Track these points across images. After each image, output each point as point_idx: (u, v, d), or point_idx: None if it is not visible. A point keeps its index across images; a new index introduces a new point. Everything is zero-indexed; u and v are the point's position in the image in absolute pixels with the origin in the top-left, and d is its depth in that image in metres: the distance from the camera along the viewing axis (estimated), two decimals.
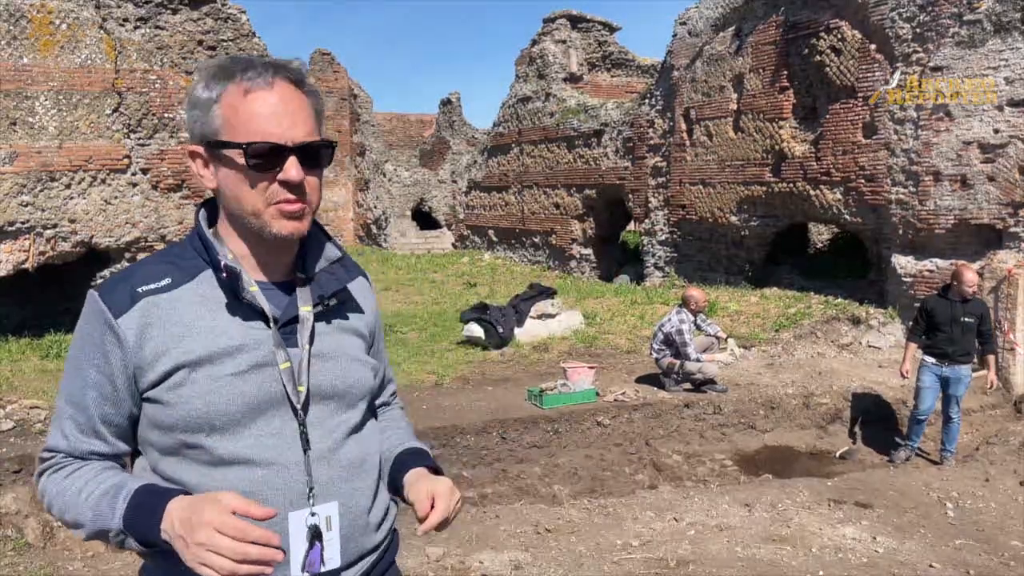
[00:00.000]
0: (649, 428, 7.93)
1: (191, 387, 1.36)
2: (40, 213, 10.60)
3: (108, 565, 4.43)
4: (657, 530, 5.01)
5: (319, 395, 1.45)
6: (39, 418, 7.28)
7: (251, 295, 1.40)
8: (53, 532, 6.19)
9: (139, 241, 11.32)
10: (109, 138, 10.84)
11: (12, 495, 6.42)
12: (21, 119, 10.34)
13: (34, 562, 4.37)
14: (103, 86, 10.70)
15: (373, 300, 1.68)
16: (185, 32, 11.10)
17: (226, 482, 1.35)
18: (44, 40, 10.34)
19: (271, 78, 1.37)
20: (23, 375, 8.83)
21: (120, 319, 1.37)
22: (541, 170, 18.23)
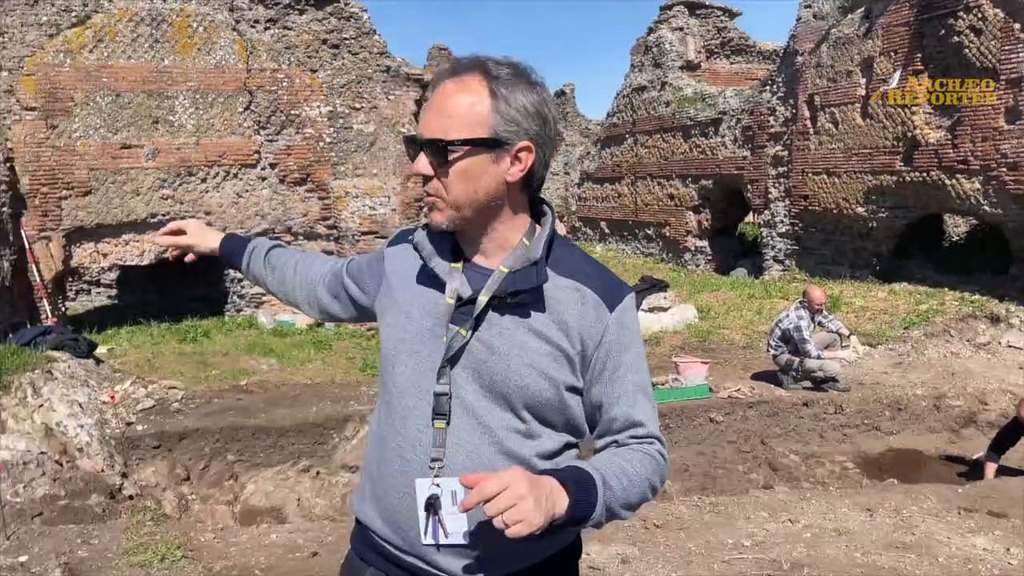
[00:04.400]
0: (765, 426, 7.69)
1: (392, 328, 1.58)
2: (179, 206, 11.32)
3: (236, 538, 4.71)
4: (771, 531, 4.86)
5: (479, 383, 1.47)
6: (176, 397, 7.79)
7: (438, 268, 1.53)
8: (187, 505, 6.64)
9: (267, 232, 11.89)
10: (241, 134, 11.44)
11: (152, 469, 6.91)
12: (163, 118, 11.07)
13: (170, 532, 4.69)
14: (236, 85, 11.30)
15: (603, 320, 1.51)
16: (310, 31, 11.56)
17: (391, 429, 1.53)
18: (183, 43, 11.02)
19: (446, 75, 1.47)
20: (163, 357, 9.48)
21: (388, 248, 1.71)
22: (655, 160, 17.94)
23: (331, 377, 8.76)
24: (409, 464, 1.47)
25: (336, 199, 11.91)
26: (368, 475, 1.58)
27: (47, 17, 10.59)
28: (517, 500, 1.26)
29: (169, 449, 6.96)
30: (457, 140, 1.42)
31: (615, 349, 1.52)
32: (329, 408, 7.70)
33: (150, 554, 4.23)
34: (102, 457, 6.58)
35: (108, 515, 5.55)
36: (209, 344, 10.16)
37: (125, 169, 10.97)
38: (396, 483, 1.49)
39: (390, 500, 1.50)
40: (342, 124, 11.88)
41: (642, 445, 1.54)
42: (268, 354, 9.48)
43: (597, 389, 1.53)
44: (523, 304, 1.48)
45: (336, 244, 12.03)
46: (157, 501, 6.35)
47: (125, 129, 10.90)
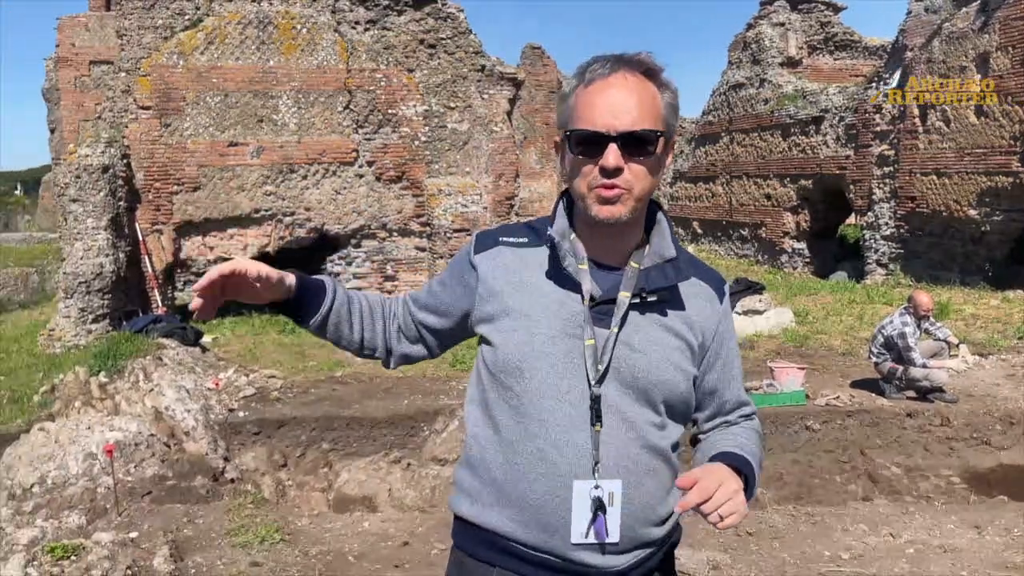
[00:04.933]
0: (864, 436, 7.39)
1: (512, 334, 1.54)
2: (281, 202, 11.74)
3: (331, 524, 4.85)
4: (871, 545, 4.67)
5: (619, 380, 1.49)
6: (275, 386, 8.08)
7: (572, 268, 1.52)
8: (284, 490, 6.87)
9: (363, 228, 12.21)
10: (340, 133, 11.77)
11: (252, 454, 7.19)
12: (267, 117, 11.50)
13: (268, 516, 4.87)
14: (336, 85, 11.62)
15: (717, 312, 1.63)
16: (408, 32, 11.78)
17: (527, 434, 1.51)
18: (287, 44, 11.41)
19: (609, 70, 1.47)
20: (263, 347, 9.84)
21: (477, 255, 1.63)
22: (752, 159, 17.49)
23: (422, 371, 8.90)
24: (556, 468, 1.48)
25: (429, 197, 12.10)
26: (487, 480, 1.57)
27: (162, 20, 11.15)
28: (731, 495, 1.39)
29: (268, 436, 7.23)
30: (663, 131, 1.47)
31: (726, 338, 1.65)
32: (420, 401, 7.83)
33: (251, 536, 4.40)
34: (206, 441, 6.88)
35: (211, 496, 5.80)
36: (306, 336, 10.46)
37: (231, 166, 11.45)
38: (540, 487, 1.49)
39: (532, 504, 1.49)
40: (437, 123, 12.06)
41: (749, 421, 1.70)
42: None
43: (712, 376, 1.63)
44: (658, 301, 1.53)
45: (428, 241, 12.23)
46: (256, 485, 6.59)
47: (232, 127, 11.37)
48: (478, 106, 12.22)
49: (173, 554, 4.17)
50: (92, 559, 4.03)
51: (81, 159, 10.61)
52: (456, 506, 1.65)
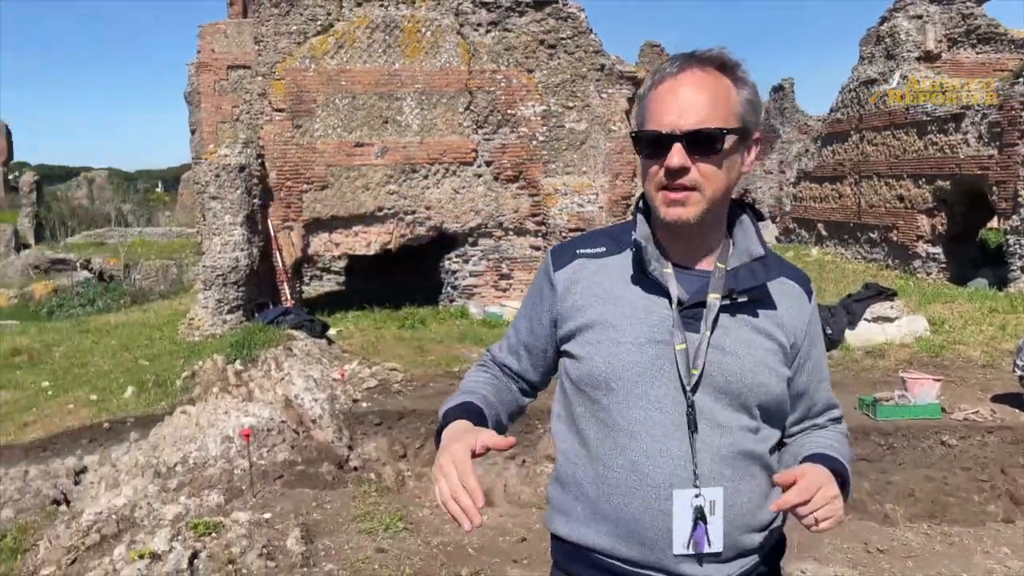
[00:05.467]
0: (1007, 454, 6.91)
1: (596, 346, 1.51)
2: (403, 200, 12.08)
3: None
4: (1014, 570, 4.38)
5: (712, 385, 1.45)
6: (396, 379, 8.33)
7: (657, 273, 1.49)
8: (404, 480, 7.07)
9: (480, 227, 12.40)
10: (460, 133, 12.00)
11: (374, 444, 7.44)
12: (391, 118, 11.86)
13: (392, 504, 5.03)
14: (458, 86, 11.86)
15: (806, 311, 1.58)
16: (529, 33, 11.87)
17: (616, 446, 1.48)
18: (412, 47, 11.73)
19: (679, 68, 1.44)
20: (385, 341, 10.16)
21: (556, 272, 1.60)
22: (883, 159, 16.64)
23: None
24: (650, 479, 1.44)
25: (546, 196, 12.15)
26: (579, 496, 1.54)
27: (296, 26, 11.68)
28: (830, 500, 1.37)
29: (389, 427, 7.46)
30: (730, 129, 1.42)
31: (815, 338, 1.60)
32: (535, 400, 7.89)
33: (375, 523, 4.56)
34: (332, 429, 7.18)
35: (337, 483, 6.04)
36: (425, 331, 10.75)
37: (357, 166, 11.87)
38: (635, 501, 1.45)
39: (627, 518, 1.46)
40: (555, 123, 12.10)
41: (838, 424, 1.66)
42: (479, 343, 9.88)
43: (801, 378, 1.58)
44: (748, 302, 1.48)
45: (544, 240, 12.29)
46: (378, 475, 6.82)
47: (359, 128, 11.79)
48: (596, 105, 12.18)
49: (304, 536, 4.37)
50: (231, 536, 4.28)
51: (220, 159, 11.27)
52: (551, 524, 1.62)
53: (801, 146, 20.77)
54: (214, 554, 4.05)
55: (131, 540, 4.42)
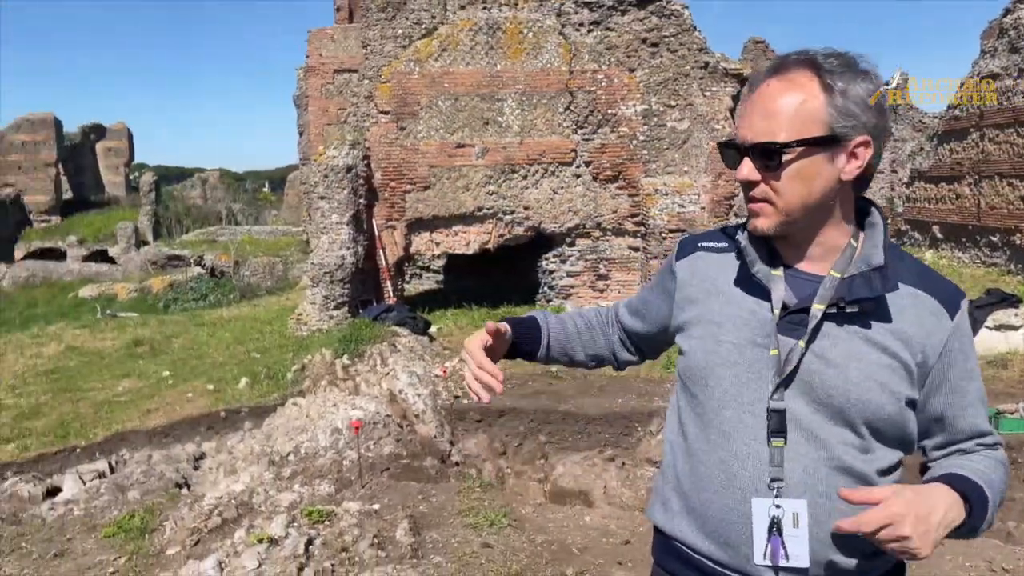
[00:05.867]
0: None
1: (700, 341, 1.52)
2: (502, 201, 12.19)
3: (553, 515, 4.98)
4: None
5: (809, 395, 1.40)
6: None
7: (761, 275, 1.47)
8: (504, 478, 7.14)
9: (578, 227, 12.39)
10: (560, 134, 12.02)
11: (474, 441, 7.54)
12: (492, 119, 11.98)
13: (495, 501, 5.09)
14: (558, 86, 11.88)
15: (943, 329, 1.44)
16: (631, 31, 11.78)
17: (708, 443, 1.48)
18: (514, 48, 11.82)
19: (764, 76, 1.42)
20: None
21: (678, 261, 1.63)
22: (1007, 158, 15.69)
23: (636, 372, 8.89)
24: (737, 480, 1.43)
25: (645, 196, 12.03)
26: (676, 488, 1.55)
27: (402, 30, 11.96)
28: (920, 535, 1.27)
29: (489, 424, 7.55)
30: (790, 142, 1.36)
31: (958, 358, 1.46)
32: (634, 401, 7.83)
33: (480, 518, 4.63)
34: (434, 425, 7.32)
35: (440, 477, 6.16)
36: None
37: (458, 166, 12.05)
38: (721, 500, 1.45)
39: (713, 516, 1.46)
40: (656, 122, 11.97)
41: (991, 451, 1.49)
42: None
43: (938, 400, 1.46)
44: (861, 313, 1.40)
45: (643, 241, 12.18)
46: (478, 471, 6.91)
47: (460, 130, 11.97)
48: (699, 104, 11.97)
49: (412, 528, 4.47)
50: (344, 525, 4.43)
51: (329, 160, 11.65)
52: (651, 513, 1.64)
53: (915, 144, 19.83)
54: (328, 541, 4.20)
55: (250, 524, 4.63)
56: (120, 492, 6.03)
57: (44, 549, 5.02)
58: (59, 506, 5.98)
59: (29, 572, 4.66)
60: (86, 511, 5.67)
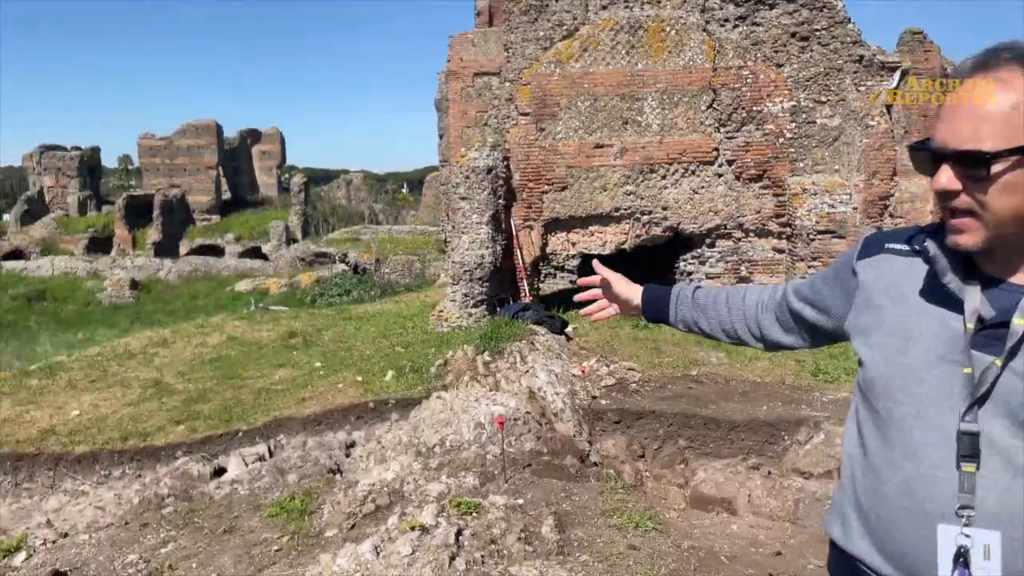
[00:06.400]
0: None
1: (883, 351, 1.42)
2: (639, 201, 12.08)
3: (698, 521, 4.90)
4: None
5: (1007, 419, 1.29)
6: (634, 379, 8.36)
7: (953, 285, 1.36)
8: (642, 480, 7.09)
9: (719, 228, 12.10)
10: (702, 132, 11.78)
11: (612, 441, 7.53)
12: (631, 118, 11.90)
13: (639, 503, 5.06)
14: (701, 84, 11.65)
15: None
16: (780, 26, 11.39)
17: (891, 462, 1.39)
18: (655, 47, 11.69)
19: (969, 71, 1.30)
20: (620, 340, 10.24)
21: (860, 260, 1.53)
22: None
23: (780, 378, 8.60)
24: (922, 505, 1.34)
25: (791, 196, 11.60)
26: (856, 505, 1.47)
27: (543, 32, 12.07)
28: None
29: (628, 426, 7.51)
30: (1002, 151, 1.23)
31: None
32: (780, 409, 7.57)
33: (625, 519, 4.61)
34: (572, 424, 7.36)
35: (580, 477, 6.18)
36: (659, 332, 10.68)
37: (596, 167, 12.04)
38: (905, 523, 1.36)
39: (895, 540, 1.38)
40: (804, 119, 11.51)
41: None
42: (716, 348, 9.65)
43: None
44: None
45: (788, 242, 11.74)
46: (617, 472, 6.89)
47: (599, 130, 11.96)
48: (852, 99, 11.41)
49: (557, 525, 4.52)
50: (491, 518, 4.53)
51: (470, 161, 11.93)
52: (828, 528, 1.56)
53: None
54: (477, 533, 4.31)
55: (402, 512, 4.82)
56: (280, 475, 6.42)
57: (214, 525, 5.42)
58: (225, 485, 6.44)
59: (202, 546, 5.05)
60: (250, 491, 6.08)
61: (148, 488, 6.62)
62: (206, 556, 4.78)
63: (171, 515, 5.74)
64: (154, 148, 42.14)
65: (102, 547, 5.29)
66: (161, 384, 10.03)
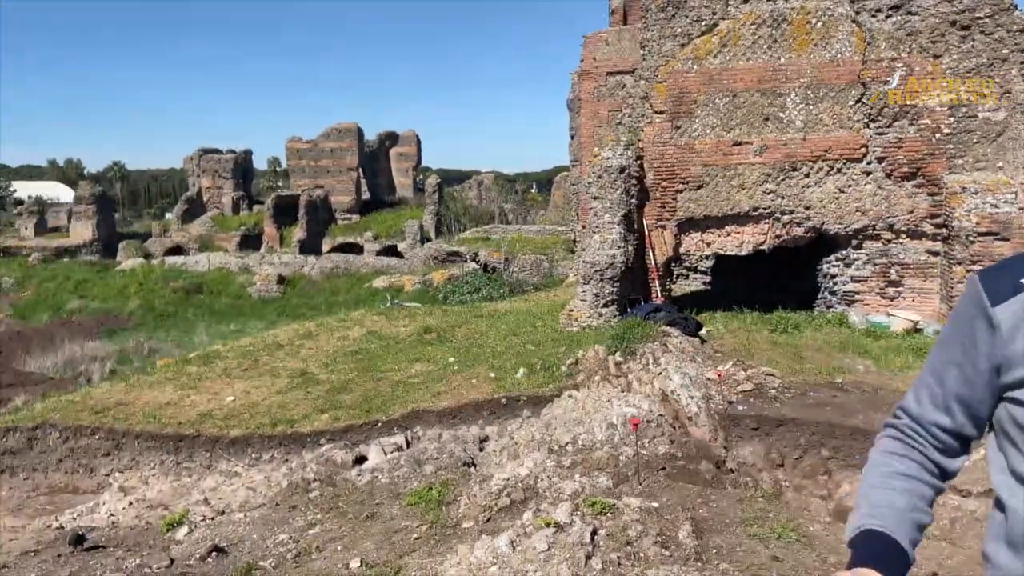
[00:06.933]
0: None
1: None
2: (780, 200, 11.64)
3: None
4: None
5: None
6: (773, 385, 8.06)
7: None
8: (781, 490, 6.82)
9: (866, 229, 11.48)
10: (849, 128, 11.21)
11: (749, 448, 7.29)
12: (773, 115, 11.48)
13: (780, 513, 4.88)
14: (849, 78, 11.09)
15: None
16: (938, 14, 10.67)
17: None
18: (800, 40, 11.23)
19: None
20: (757, 344, 9.90)
21: (996, 307, 1.33)
22: None
23: None
24: None
25: (949, 195, 10.84)
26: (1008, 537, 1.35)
27: (681, 28, 11.85)
28: None
29: (766, 433, 7.25)
30: None
31: None
32: None
33: (766, 529, 4.46)
34: (708, 428, 7.19)
35: (716, 483, 6.03)
36: (800, 337, 10.26)
37: (734, 165, 11.71)
38: None
39: None
40: (964, 113, 10.74)
41: None
42: (863, 355, 9.17)
43: None
44: None
45: (944, 245, 10.99)
46: (754, 480, 6.68)
47: (738, 127, 11.62)
48: (1019, 91, 10.55)
49: (694, 530, 4.43)
50: (626, 520, 4.49)
51: (603, 161, 11.87)
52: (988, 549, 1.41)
53: None
54: (612, 533, 4.28)
55: (536, 508, 4.85)
56: (417, 465, 6.62)
57: (357, 511, 5.66)
58: (366, 473, 6.70)
59: (346, 530, 5.28)
60: (390, 480, 6.30)
61: (295, 472, 6.98)
62: (350, 540, 5.00)
63: (317, 499, 6.03)
64: (300, 151, 44.42)
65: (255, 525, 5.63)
66: (306, 374, 10.57)
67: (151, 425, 9.27)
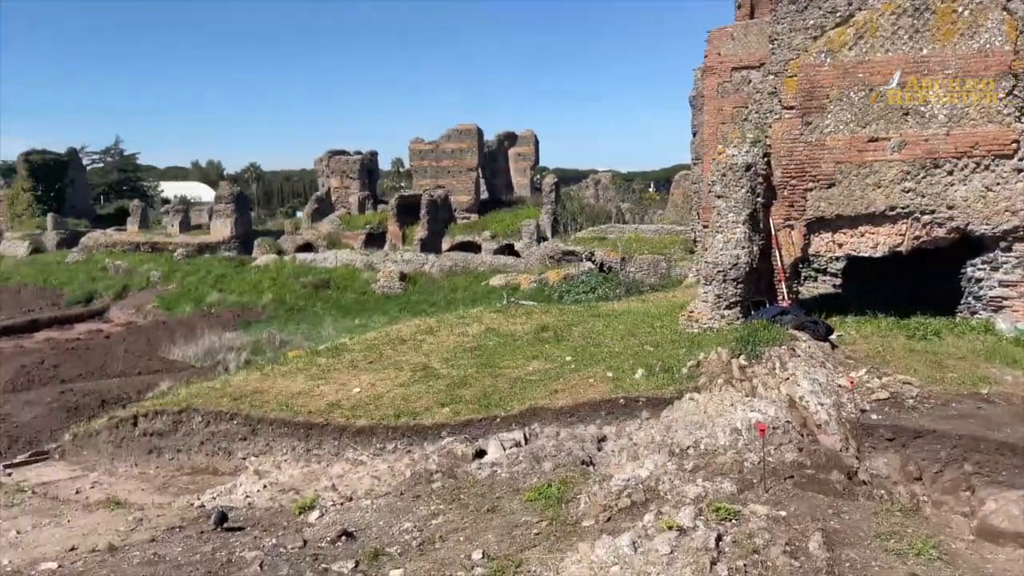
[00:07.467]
0: None
1: None
2: (920, 199, 10.99)
3: (992, 555, 4.36)
4: None
5: None
6: (911, 394, 7.62)
7: None
8: (919, 505, 6.44)
9: (1017, 230, 10.68)
10: (998, 122, 10.45)
11: (884, 460, 6.93)
12: (913, 108, 10.85)
13: (919, 529, 4.62)
14: (998, 69, 10.34)
15: None
16: None
17: None
18: (944, 30, 10.56)
19: None
20: (892, 351, 9.38)
21: None
22: None
23: None
24: None
25: None
26: None
27: (813, 21, 11.38)
28: None
29: (903, 445, 6.87)
30: None
31: None
32: None
33: (904, 545, 4.24)
34: (838, 437, 6.87)
35: (847, 494, 5.77)
36: (940, 345, 9.66)
37: (869, 162, 11.14)
38: None
39: None
40: None
41: None
42: (1011, 365, 8.53)
43: None
44: None
45: None
46: (889, 493, 6.34)
47: (874, 122, 11.05)
48: None
49: (826, 542, 4.25)
50: (752, 527, 4.37)
51: (728, 158, 11.57)
52: None
53: None
54: (738, 540, 4.17)
55: (657, 510, 4.79)
56: (536, 462, 6.67)
57: (478, 503, 5.76)
58: (486, 467, 6.80)
59: (468, 522, 5.38)
60: (510, 475, 6.37)
61: (418, 463, 7.18)
62: (472, 531, 5.09)
63: (439, 490, 6.18)
64: (422, 151, 45.56)
65: (381, 513, 5.83)
66: (428, 368, 10.84)
67: (284, 413, 9.75)
